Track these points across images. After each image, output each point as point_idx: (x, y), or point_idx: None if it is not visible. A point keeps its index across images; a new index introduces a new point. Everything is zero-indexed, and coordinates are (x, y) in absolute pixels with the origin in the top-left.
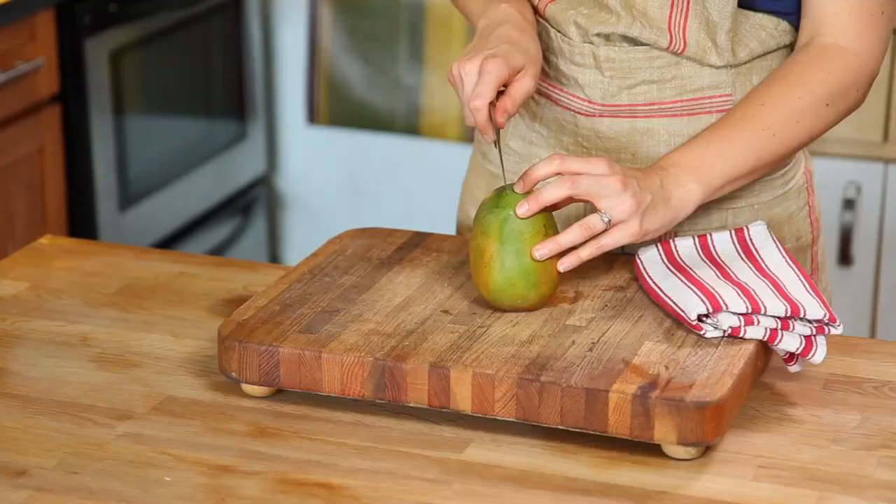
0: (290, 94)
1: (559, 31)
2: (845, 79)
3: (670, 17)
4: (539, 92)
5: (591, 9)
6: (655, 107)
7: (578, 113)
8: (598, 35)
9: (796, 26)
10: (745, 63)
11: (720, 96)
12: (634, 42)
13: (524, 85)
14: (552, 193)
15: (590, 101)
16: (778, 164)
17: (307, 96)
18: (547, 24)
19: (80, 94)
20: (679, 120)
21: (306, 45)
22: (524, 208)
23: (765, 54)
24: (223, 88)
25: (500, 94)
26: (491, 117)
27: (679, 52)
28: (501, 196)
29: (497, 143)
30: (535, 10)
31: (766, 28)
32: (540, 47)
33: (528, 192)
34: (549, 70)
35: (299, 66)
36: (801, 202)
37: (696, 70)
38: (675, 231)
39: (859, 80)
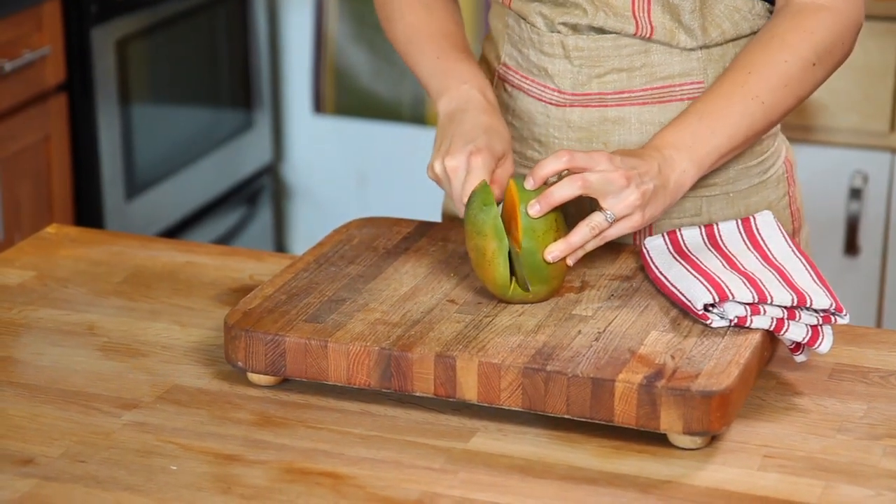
0: (296, 84)
1: (527, 22)
2: (828, 36)
3: (633, 3)
4: (511, 83)
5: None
6: (625, 95)
7: (549, 103)
8: (564, 24)
9: (772, 8)
10: (718, 45)
11: (691, 83)
12: (602, 30)
13: (507, 170)
14: (563, 193)
15: (560, 91)
16: (768, 130)
17: (313, 85)
18: (517, 15)
19: (87, 82)
20: (650, 108)
21: (312, 34)
22: (535, 209)
23: (738, 38)
24: (229, 77)
25: None
26: None
27: (647, 37)
28: (488, 193)
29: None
30: (502, 2)
31: (740, 10)
32: (507, 127)
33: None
34: (521, 61)
35: (305, 55)
36: (780, 192)
37: (666, 57)
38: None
39: (842, 34)
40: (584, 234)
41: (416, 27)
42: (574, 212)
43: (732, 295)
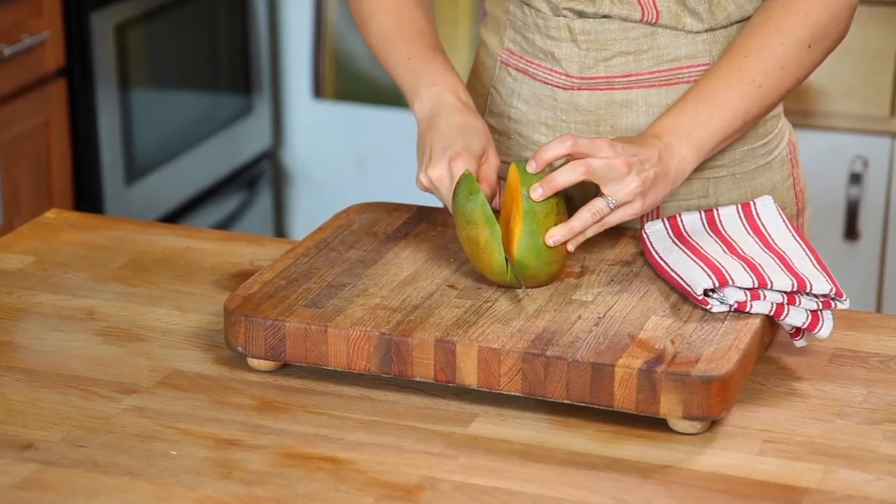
0: (295, 69)
1: (531, 7)
2: (823, 17)
3: None
4: (516, 68)
5: None
6: (633, 78)
7: (556, 87)
8: (569, 9)
9: None
10: (723, 28)
11: (697, 66)
12: (608, 16)
13: (492, 164)
14: (566, 178)
15: (567, 75)
16: (766, 114)
17: (313, 70)
18: (518, 0)
19: (86, 68)
20: (657, 91)
21: (312, 19)
22: (538, 192)
23: (743, 20)
24: (229, 62)
25: None
26: None
27: (653, 21)
28: (472, 181)
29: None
30: None
31: None
32: (484, 121)
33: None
34: (525, 46)
35: (305, 39)
36: (784, 173)
37: (672, 40)
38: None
39: (837, 14)
40: (586, 219)
41: (386, 27)
42: (575, 196)
43: (732, 280)
